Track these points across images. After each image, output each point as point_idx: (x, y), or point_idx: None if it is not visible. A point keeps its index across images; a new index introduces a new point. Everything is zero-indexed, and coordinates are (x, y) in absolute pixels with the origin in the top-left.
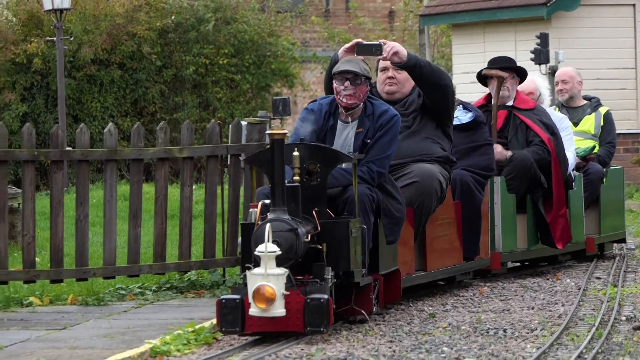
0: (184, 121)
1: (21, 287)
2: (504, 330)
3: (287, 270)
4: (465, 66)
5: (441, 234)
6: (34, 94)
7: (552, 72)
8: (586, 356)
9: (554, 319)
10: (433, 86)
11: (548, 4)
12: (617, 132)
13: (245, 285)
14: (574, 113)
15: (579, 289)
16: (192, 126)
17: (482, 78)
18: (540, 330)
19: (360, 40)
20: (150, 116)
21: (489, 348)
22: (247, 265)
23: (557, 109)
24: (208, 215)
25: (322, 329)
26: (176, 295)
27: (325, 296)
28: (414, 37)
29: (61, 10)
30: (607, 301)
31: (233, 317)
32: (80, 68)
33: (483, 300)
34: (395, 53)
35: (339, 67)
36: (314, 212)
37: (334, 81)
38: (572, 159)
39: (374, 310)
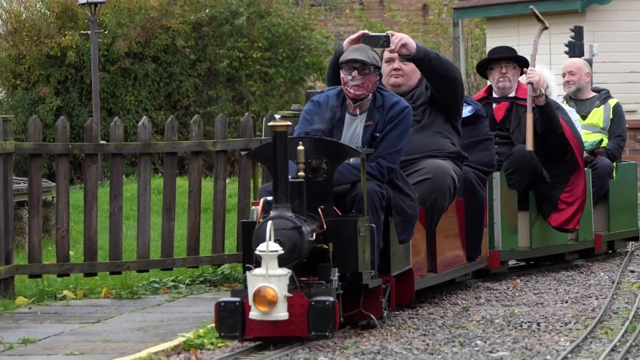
0: (217, 114)
1: (55, 281)
2: (538, 324)
3: (290, 271)
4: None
5: (448, 233)
6: (68, 88)
7: (587, 63)
8: (620, 349)
9: (588, 313)
10: (442, 79)
11: None
12: None
13: (246, 287)
14: (582, 106)
15: (613, 282)
16: (225, 119)
17: (482, 69)
18: (574, 324)
19: (366, 31)
20: (184, 110)
21: (523, 342)
22: (247, 265)
23: (565, 101)
24: (241, 208)
25: (327, 334)
26: (209, 289)
27: (331, 299)
28: (447, 31)
29: (95, 4)
30: None
31: (233, 321)
32: (115, 61)
33: (517, 294)
34: (404, 45)
35: (346, 56)
36: (319, 210)
37: (341, 71)
38: None
39: (384, 314)
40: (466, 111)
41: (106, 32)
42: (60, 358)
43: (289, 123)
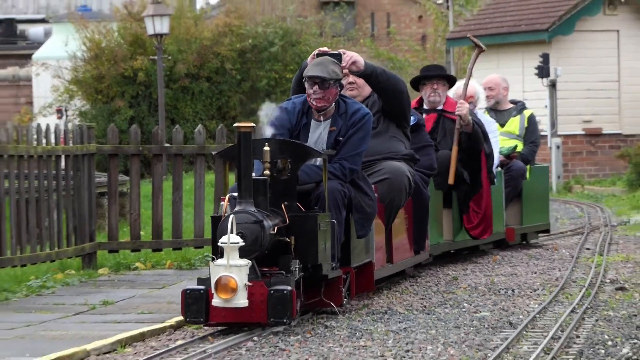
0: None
1: (129, 255)
2: (512, 290)
3: (250, 261)
4: (482, 79)
5: (400, 229)
6: (139, 101)
7: (552, 84)
8: (578, 311)
9: (552, 281)
10: (389, 92)
11: (549, 30)
12: (604, 132)
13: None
14: (501, 116)
15: (572, 257)
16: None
17: (416, 83)
18: (542, 290)
19: (323, 48)
20: (231, 119)
21: (501, 304)
22: (210, 256)
23: (487, 112)
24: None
25: (285, 320)
26: None
27: (289, 288)
28: (442, 56)
29: (161, 35)
30: (595, 267)
31: (197, 307)
32: (176, 80)
33: (496, 266)
34: (354, 62)
35: (308, 72)
36: (282, 206)
37: (305, 83)
38: (496, 159)
39: (344, 302)
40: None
41: (169, 57)
42: (133, 316)
43: (252, 124)
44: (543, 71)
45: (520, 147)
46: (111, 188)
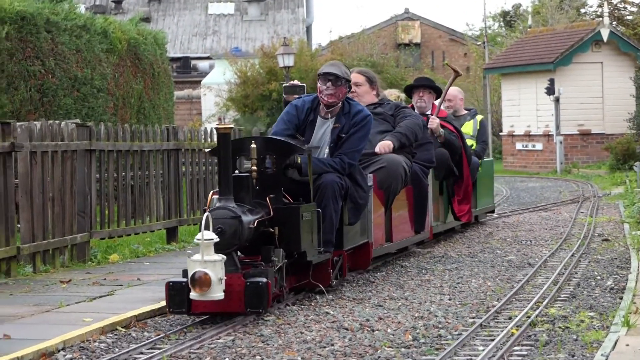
0: None
1: None
2: (530, 241)
3: (224, 256)
4: (509, 97)
5: (400, 212)
6: (273, 112)
7: (556, 100)
8: (576, 256)
9: (558, 235)
10: (412, 142)
11: (554, 62)
12: (593, 132)
13: None
14: (458, 120)
15: (572, 218)
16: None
17: (409, 91)
18: (550, 241)
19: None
20: None
21: (522, 251)
22: (188, 252)
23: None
24: None
25: (260, 310)
26: None
27: (264, 279)
28: (480, 81)
29: (288, 67)
30: (587, 225)
31: (180, 299)
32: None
33: (519, 225)
34: (386, 146)
35: (323, 69)
36: (267, 199)
37: (318, 81)
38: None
39: (332, 283)
40: None
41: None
42: None
43: (232, 126)
44: (550, 91)
45: (474, 146)
46: None
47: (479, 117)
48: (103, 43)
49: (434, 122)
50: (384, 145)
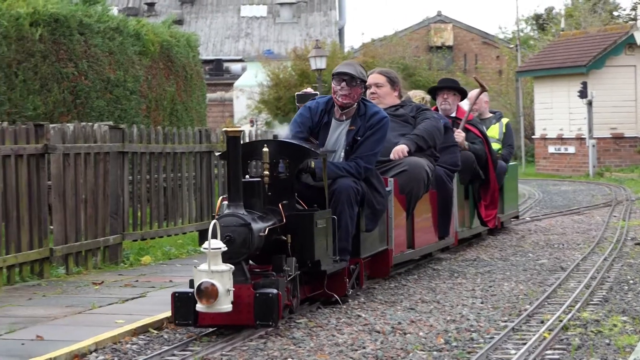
0: None
1: None
2: (563, 245)
3: (232, 266)
4: (541, 100)
5: (423, 217)
6: None
7: (589, 103)
8: (608, 259)
9: (590, 239)
10: (430, 145)
11: (587, 65)
12: (625, 135)
13: None
14: (484, 123)
15: (604, 222)
16: None
17: (433, 93)
18: (583, 245)
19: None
20: None
21: (555, 254)
22: (195, 261)
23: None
24: None
25: (270, 323)
26: None
27: (275, 291)
28: (512, 84)
29: (320, 69)
30: (620, 229)
31: (186, 310)
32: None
33: (550, 229)
34: (402, 151)
35: (337, 69)
36: (280, 205)
37: (332, 82)
38: None
39: (348, 292)
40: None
41: (325, 84)
42: None
43: (241, 129)
44: (583, 94)
45: (500, 150)
46: None
47: (504, 120)
48: (136, 45)
49: (460, 137)
50: (399, 150)
